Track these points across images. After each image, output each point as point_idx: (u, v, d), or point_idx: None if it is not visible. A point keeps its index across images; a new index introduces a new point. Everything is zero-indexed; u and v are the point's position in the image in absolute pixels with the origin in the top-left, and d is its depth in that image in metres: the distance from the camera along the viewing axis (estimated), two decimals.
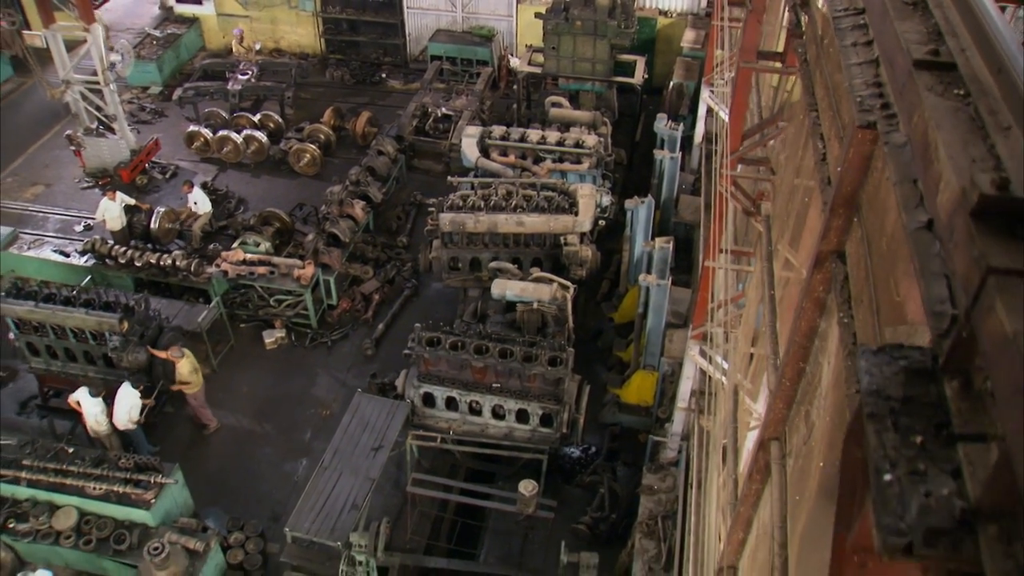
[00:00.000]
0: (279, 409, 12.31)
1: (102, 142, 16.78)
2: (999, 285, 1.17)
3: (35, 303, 11.28)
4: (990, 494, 1.28)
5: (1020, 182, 1.26)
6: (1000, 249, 1.22)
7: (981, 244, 1.23)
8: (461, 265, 12.67)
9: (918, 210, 1.80)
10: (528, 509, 9.68)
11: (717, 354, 8.76)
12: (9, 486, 10.11)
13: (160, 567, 9.09)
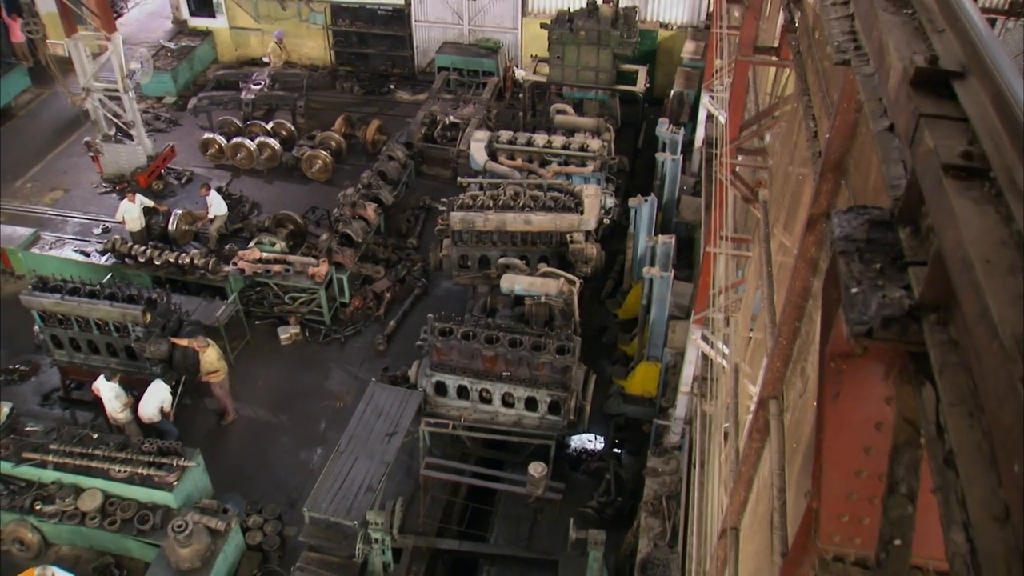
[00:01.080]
0: (294, 401, 12.71)
1: (120, 148, 17.30)
2: (928, 124, 1.61)
3: (61, 296, 11.71)
4: (930, 291, 1.71)
5: (946, 60, 1.71)
6: (930, 103, 1.66)
7: (916, 101, 1.67)
8: (471, 263, 13.12)
9: (882, 119, 2.26)
10: (537, 491, 10.06)
11: (718, 339, 9.20)
12: (36, 470, 10.50)
13: (183, 544, 9.43)
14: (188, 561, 9.49)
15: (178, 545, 9.44)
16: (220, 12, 21.98)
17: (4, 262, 14.96)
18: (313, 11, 21.32)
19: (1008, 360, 1.12)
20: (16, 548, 10.54)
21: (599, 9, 15.97)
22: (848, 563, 2.36)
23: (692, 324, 9.32)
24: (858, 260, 1.89)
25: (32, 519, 10.38)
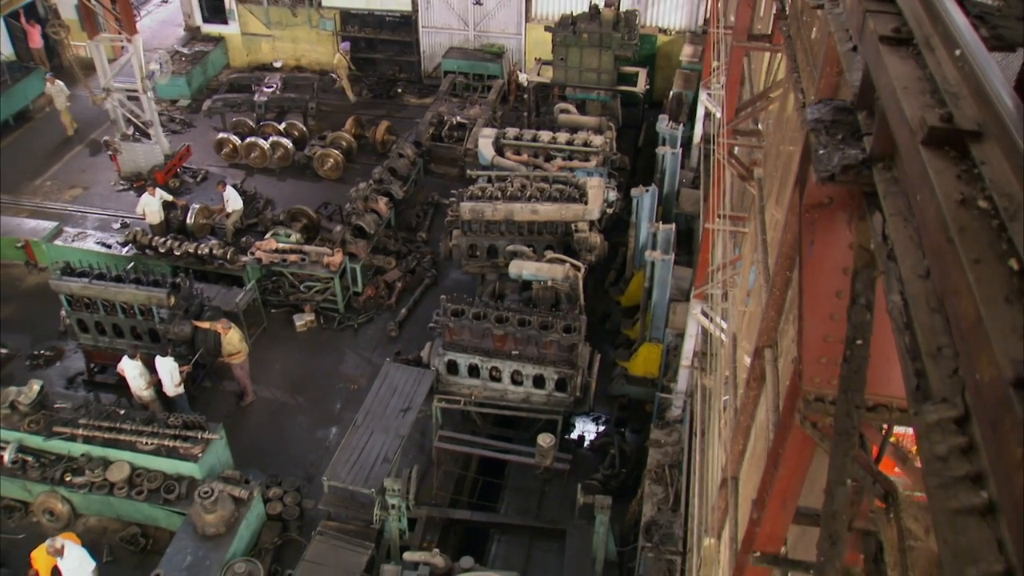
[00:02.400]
0: (310, 384, 13.22)
1: (138, 147, 17.90)
2: (870, 15, 2.16)
3: (88, 280, 12.24)
4: (878, 146, 2.27)
5: None
6: (874, 3, 2.21)
7: (864, 4, 2.23)
8: (479, 252, 13.67)
9: (847, 43, 2.83)
10: (546, 461, 10.56)
11: (717, 314, 9.74)
12: (66, 443, 10.99)
13: (209, 511, 9.91)
14: (213, 526, 9.96)
15: (204, 511, 9.91)
16: (232, 19, 22.66)
17: (28, 254, 15.49)
18: (323, 17, 22.02)
19: (913, 135, 1.66)
20: (46, 518, 11.01)
21: (601, 13, 16.63)
22: (827, 402, 2.90)
23: (692, 299, 9.87)
24: (825, 133, 2.45)
25: (62, 490, 10.85)
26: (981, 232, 1.38)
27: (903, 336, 1.80)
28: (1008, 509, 1.27)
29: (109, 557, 10.73)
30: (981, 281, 1.28)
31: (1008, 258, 1.32)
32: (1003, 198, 1.44)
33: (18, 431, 11.04)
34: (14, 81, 20.70)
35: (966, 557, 1.30)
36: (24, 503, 11.28)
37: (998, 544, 1.30)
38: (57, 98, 19.58)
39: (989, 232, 1.38)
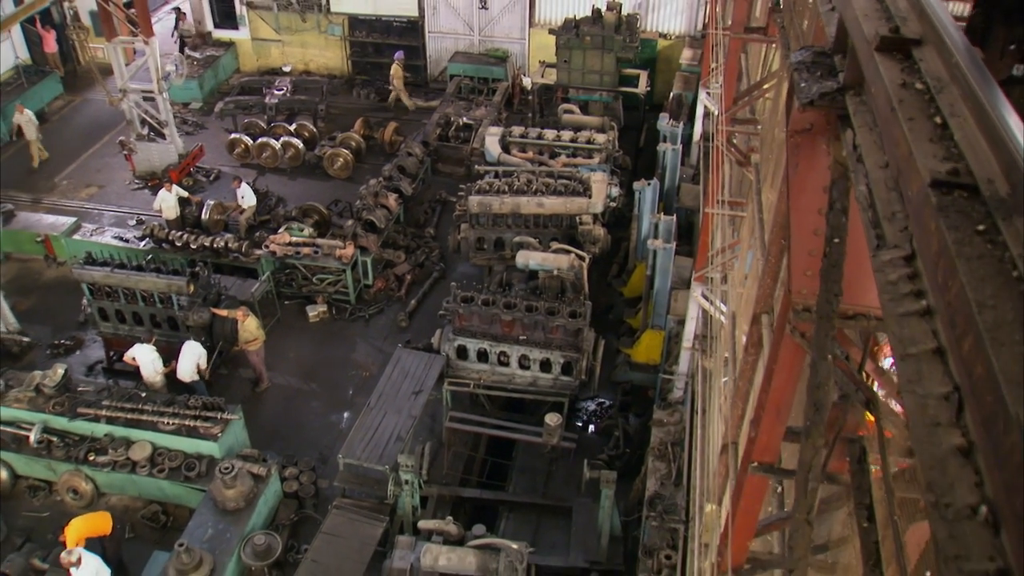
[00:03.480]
0: (323, 371, 13.64)
1: (152, 147, 18.40)
2: None
3: (111, 269, 12.69)
4: (849, 77, 2.72)
5: None
6: None
7: None
8: (486, 245, 14.14)
9: (827, 4, 3.29)
10: (553, 439, 10.97)
11: (716, 297, 10.18)
12: (89, 424, 11.39)
13: (229, 486, 10.31)
14: (233, 501, 10.36)
15: (224, 486, 10.32)
16: (243, 24, 23.23)
17: (48, 249, 15.94)
18: (331, 23, 22.58)
19: (869, 45, 2.12)
20: (70, 497, 11.40)
21: (603, 16, 17.17)
22: (813, 312, 3.35)
23: (693, 282, 10.31)
24: (806, 71, 2.91)
25: (86, 469, 11.25)
26: (915, 102, 1.83)
27: (867, 212, 2.25)
28: (940, 308, 1.71)
29: (131, 534, 11.11)
30: (912, 130, 1.72)
31: (934, 116, 1.77)
32: (934, 81, 1.89)
33: (43, 413, 11.45)
34: (30, 84, 21.25)
35: (909, 342, 1.74)
36: (48, 483, 11.68)
37: (933, 333, 1.74)
38: (27, 128, 18.90)
39: (921, 102, 1.83)
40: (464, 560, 8.74)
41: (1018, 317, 1.24)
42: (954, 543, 1.38)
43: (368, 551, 9.83)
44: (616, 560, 10.35)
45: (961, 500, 1.42)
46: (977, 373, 1.28)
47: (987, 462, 1.43)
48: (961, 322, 1.36)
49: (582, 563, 10.30)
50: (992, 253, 1.37)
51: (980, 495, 1.42)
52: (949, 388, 1.59)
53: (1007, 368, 1.17)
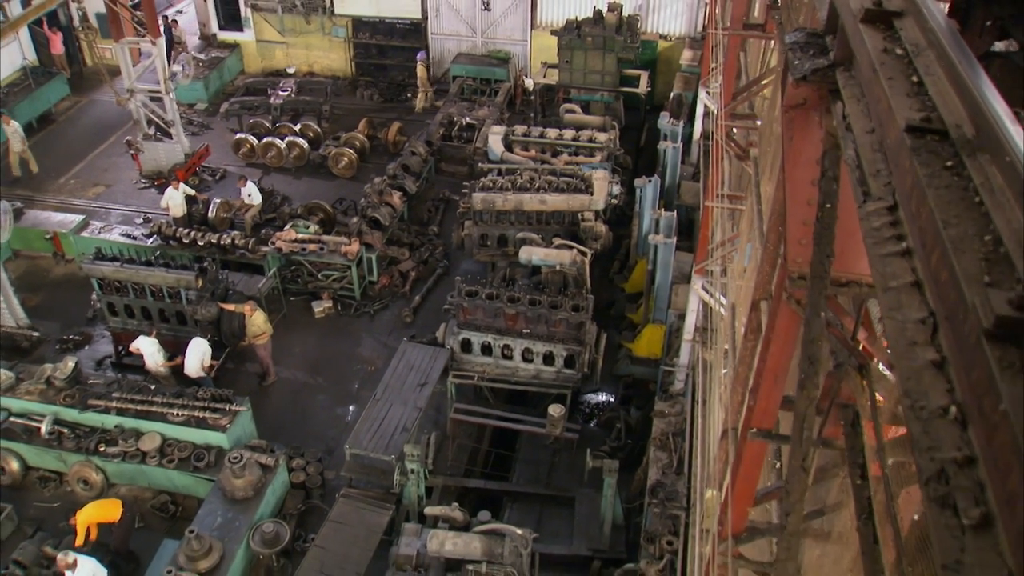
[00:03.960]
0: (329, 365, 13.83)
1: (159, 146, 18.62)
2: None
3: (120, 264, 12.90)
4: (839, 54, 2.93)
5: None
6: None
7: None
8: (490, 242, 14.35)
9: None
10: (556, 430, 11.16)
11: (716, 289, 10.38)
12: (99, 416, 11.58)
13: (238, 475, 10.49)
14: (242, 490, 10.54)
15: (233, 476, 10.50)
16: (248, 26, 23.49)
17: (56, 246, 16.15)
18: (335, 25, 22.84)
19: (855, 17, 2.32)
20: (81, 487, 11.58)
21: (604, 17, 17.41)
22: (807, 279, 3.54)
23: (693, 274, 10.51)
24: (799, 50, 3.11)
25: (96, 460, 11.43)
26: (895, 64, 2.03)
27: (855, 172, 2.45)
28: (918, 245, 1.91)
29: (140, 523, 11.28)
30: (891, 87, 1.92)
31: (911, 76, 1.97)
32: (912, 47, 2.09)
33: (54, 405, 11.64)
34: (37, 85, 21.46)
35: (891, 277, 1.94)
36: (58, 474, 11.86)
37: (912, 270, 1.94)
38: (12, 139, 18.43)
39: (901, 65, 2.03)
40: (470, 545, 8.92)
41: (977, 232, 1.43)
42: (927, 437, 1.58)
43: (375, 539, 10.00)
44: (619, 548, 10.53)
45: (934, 403, 1.61)
46: (943, 279, 1.48)
47: (957, 372, 1.62)
48: (930, 240, 1.56)
49: (585, 551, 10.48)
50: (957, 183, 1.57)
51: (950, 398, 1.61)
52: (925, 314, 1.79)
53: (967, 270, 1.36)
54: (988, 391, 1.26)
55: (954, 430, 1.56)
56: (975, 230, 1.44)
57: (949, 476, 1.48)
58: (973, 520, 1.40)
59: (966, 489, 1.45)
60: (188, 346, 12.56)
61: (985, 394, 1.45)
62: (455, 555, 8.92)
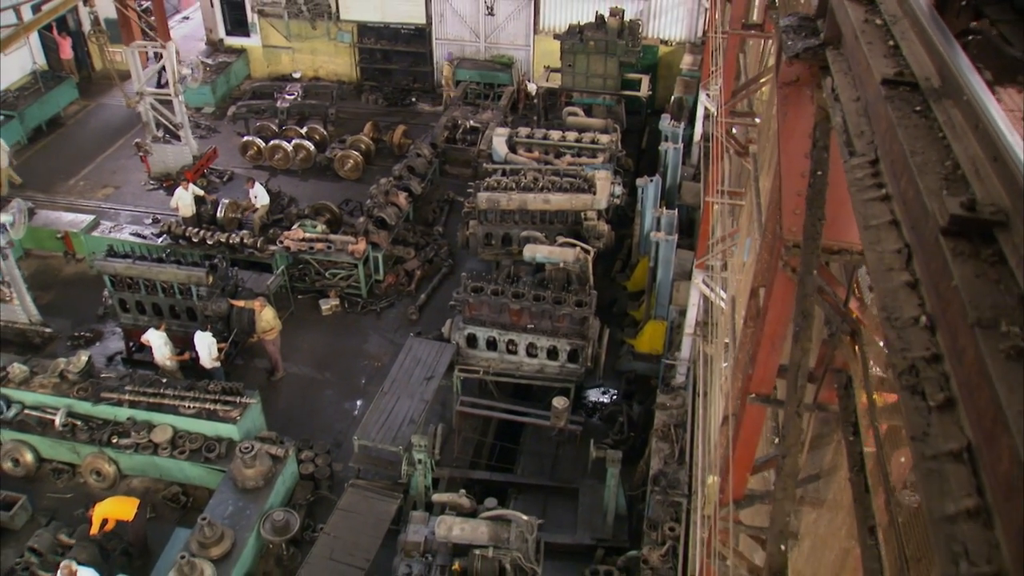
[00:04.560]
0: (336, 361, 14.07)
1: (168, 148, 18.91)
2: None
3: (132, 260, 13.16)
4: (829, 33, 3.19)
5: None
6: None
7: None
8: (494, 241, 14.61)
9: None
10: (560, 422, 11.38)
11: (716, 284, 10.62)
12: (112, 408, 11.81)
13: (248, 465, 10.72)
14: (252, 480, 10.76)
15: (244, 466, 10.73)
16: (254, 31, 23.83)
17: (67, 245, 16.42)
18: (341, 30, 23.18)
19: None
20: (94, 478, 11.80)
21: (606, 22, 17.73)
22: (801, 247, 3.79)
23: (694, 269, 10.76)
24: (792, 32, 3.38)
25: (109, 451, 11.66)
26: (874, 31, 2.29)
27: (842, 135, 2.71)
28: (890, 174, 2.16)
29: (152, 514, 11.49)
30: (870, 50, 2.18)
31: (888, 41, 2.22)
32: (890, 17, 2.35)
33: (67, 397, 11.87)
34: (47, 89, 21.80)
35: (871, 217, 2.19)
36: (71, 465, 12.08)
37: (890, 212, 2.19)
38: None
39: (879, 32, 2.29)
40: (477, 530, 9.14)
41: (939, 159, 1.68)
42: (901, 341, 1.82)
43: (383, 527, 10.22)
44: (621, 537, 10.74)
45: (907, 314, 1.86)
46: (909, 197, 1.73)
47: (928, 290, 1.87)
48: (900, 167, 1.81)
49: (589, 540, 10.69)
50: (924, 124, 1.82)
51: (921, 310, 1.86)
52: (901, 245, 2.04)
53: (929, 186, 1.61)
54: (943, 275, 1.51)
55: (924, 335, 1.81)
56: (937, 157, 1.69)
57: (919, 370, 1.73)
58: (938, 402, 1.65)
59: (933, 379, 1.70)
60: (195, 342, 12.81)
61: (941, 278, 1.70)
62: (462, 540, 9.14)
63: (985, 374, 1.31)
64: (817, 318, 4.81)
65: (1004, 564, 1.36)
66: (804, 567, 4.67)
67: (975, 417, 1.56)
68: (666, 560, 9.02)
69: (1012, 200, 1.48)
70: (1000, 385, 1.27)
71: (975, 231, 1.47)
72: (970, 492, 1.48)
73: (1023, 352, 1.29)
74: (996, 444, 1.43)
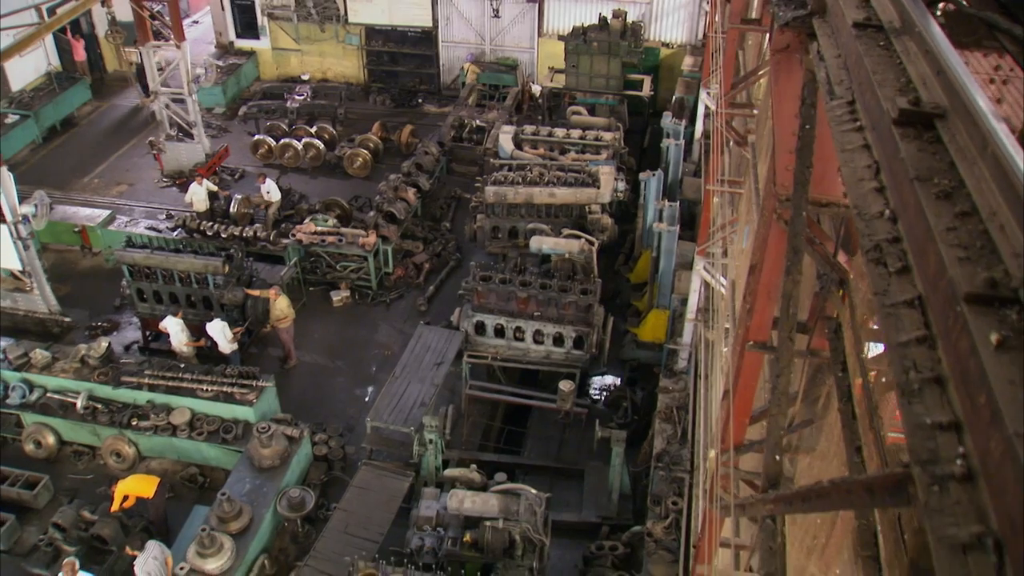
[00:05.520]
0: (347, 350, 14.47)
1: (181, 146, 19.36)
2: None
3: (151, 251, 13.58)
4: (816, 5, 3.61)
5: None
6: None
7: None
8: (501, 234, 15.03)
9: None
10: (566, 405, 11.77)
11: (717, 271, 11.02)
12: (132, 392, 12.20)
13: (265, 445, 11.09)
14: (269, 460, 11.14)
15: (261, 445, 11.11)
16: (264, 34, 24.33)
17: (84, 239, 16.83)
18: (349, 33, 23.67)
19: None
20: (113, 460, 12.18)
21: (609, 23, 18.20)
22: None
23: (696, 255, 11.16)
24: (783, 4, 3.80)
25: (129, 433, 12.04)
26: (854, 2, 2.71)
27: (825, 85, 3.13)
28: (857, 92, 2.56)
29: (170, 494, 11.85)
30: (846, 4, 2.59)
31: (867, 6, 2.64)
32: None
33: (88, 382, 12.27)
34: (61, 90, 22.29)
35: (847, 143, 2.60)
36: (91, 448, 12.46)
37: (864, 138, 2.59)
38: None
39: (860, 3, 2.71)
40: (487, 503, 9.51)
41: (895, 77, 2.08)
42: (868, 228, 2.23)
43: (395, 503, 10.58)
44: (626, 516, 11.10)
45: (874, 209, 2.27)
46: (871, 104, 2.13)
47: (901, 219, 2.28)
48: (865, 85, 2.21)
49: (594, 518, 11.06)
50: (887, 54, 2.23)
51: (885, 207, 2.27)
52: (871, 162, 2.45)
53: (887, 94, 2.02)
54: (895, 156, 1.91)
55: (887, 224, 2.22)
56: (894, 76, 2.10)
57: (881, 248, 2.14)
58: (896, 268, 2.05)
59: (893, 254, 2.11)
60: (210, 329, 13.19)
61: (893, 158, 2.10)
62: (473, 512, 9.51)
63: (921, 212, 1.71)
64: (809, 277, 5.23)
65: (943, 372, 1.76)
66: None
67: (923, 275, 1.96)
68: (669, 532, 9.38)
69: (950, 100, 1.88)
70: (930, 214, 1.66)
71: (919, 121, 1.88)
72: (919, 327, 1.88)
73: (950, 194, 1.68)
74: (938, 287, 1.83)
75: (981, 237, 1.56)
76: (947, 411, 1.60)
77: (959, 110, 1.82)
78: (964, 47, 2.92)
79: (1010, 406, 1.29)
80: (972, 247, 1.55)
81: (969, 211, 1.63)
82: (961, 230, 1.59)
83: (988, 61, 2.82)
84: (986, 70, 2.73)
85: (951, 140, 1.79)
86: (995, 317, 1.43)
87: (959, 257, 1.57)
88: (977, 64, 2.76)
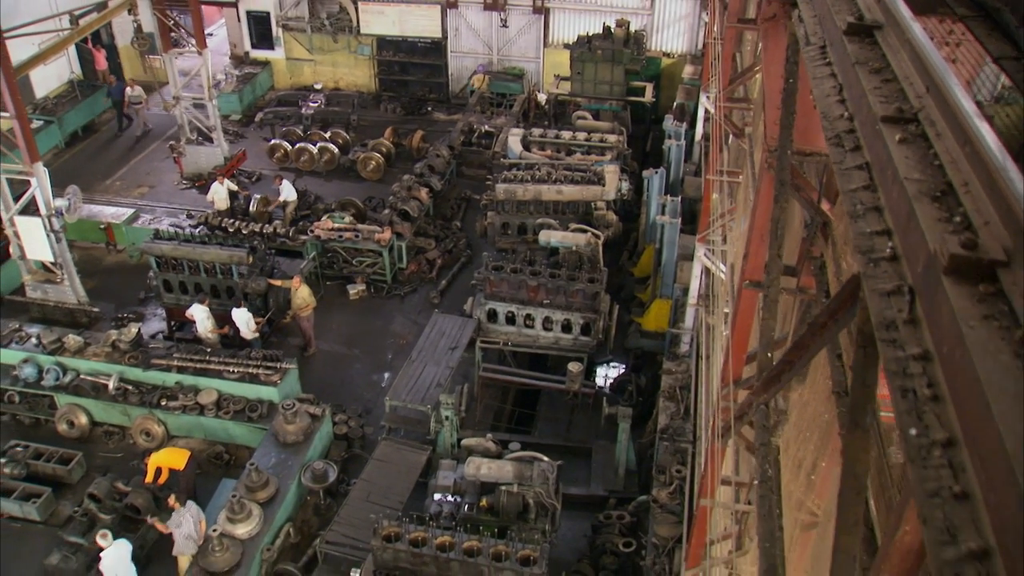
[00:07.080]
0: (364, 339, 15.11)
1: (200, 150, 20.14)
2: None
3: (178, 242, 14.27)
4: None
5: None
6: None
7: None
8: (511, 231, 15.73)
9: None
10: (575, 386, 12.39)
11: (717, 257, 11.69)
12: (161, 374, 12.83)
13: (290, 421, 11.71)
14: (293, 435, 11.75)
15: (285, 421, 11.72)
16: (278, 44, 25.20)
17: (109, 236, 17.54)
18: (360, 43, 24.54)
19: None
20: (143, 438, 12.78)
21: (613, 32, 19.03)
22: None
23: (696, 243, 11.84)
24: None
25: (158, 413, 12.66)
26: None
27: (804, 40, 3.82)
28: (836, 61, 3.25)
29: (198, 470, 12.45)
30: None
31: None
32: None
33: (119, 365, 12.90)
34: (83, 97, 23.10)
35: (820, 84, 3.28)
36: (122, 428, 13.07)
37: (835, 79, 3.27)
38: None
39: None
40: (503, 469, 10.11)
41: (873, 56, 2.77)
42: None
43: (414, 474, 11.18)
44: (632, 490, 11.69)
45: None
46: (832, 33, 2.81)
47: (850, 104, 2.95)
48: (827, 20, 2.89)
49: (602, 492, 11.64)
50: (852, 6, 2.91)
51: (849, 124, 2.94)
52: (835, 83, 3.13)
53: (840, 17, 2.69)
54: (845, 55, 2.59)
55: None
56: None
57: (841, 137, 2.80)
58: (851, 147, 2.72)
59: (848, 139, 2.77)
60: (233, 317, 13.84)
61: (844, 59, 2.76)
62: (489, 478, 10.11)
63: (863, 91, 2.37)
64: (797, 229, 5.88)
65: (879, 202, 2.42)
66: (791, 434, 5.68)
67: (863, 129, 2.62)
68: (673, 497, 9.97)
69: (886, 18, 2.56)
70: (865, 82, 2.33)
71: (862, 31, 2.55)
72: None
73: (879, 70, 2.35)
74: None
75: (899, 96, 2.24)
76: (881, 222, 2.26)
77: (892, 24, 2.50)
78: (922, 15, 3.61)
79: (913, 185, 1.95)
80: (891, 97, 2.23)
81: (891, 78, 2.30)
82: (884, 88, 2.26)
83: (943, 27, 3.51)
84: (941, 35, 3.41)
85: (885, 43, 2.46)
86: (900, 129, 2.11)
87: (875, 86, 2.25)
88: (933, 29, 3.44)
